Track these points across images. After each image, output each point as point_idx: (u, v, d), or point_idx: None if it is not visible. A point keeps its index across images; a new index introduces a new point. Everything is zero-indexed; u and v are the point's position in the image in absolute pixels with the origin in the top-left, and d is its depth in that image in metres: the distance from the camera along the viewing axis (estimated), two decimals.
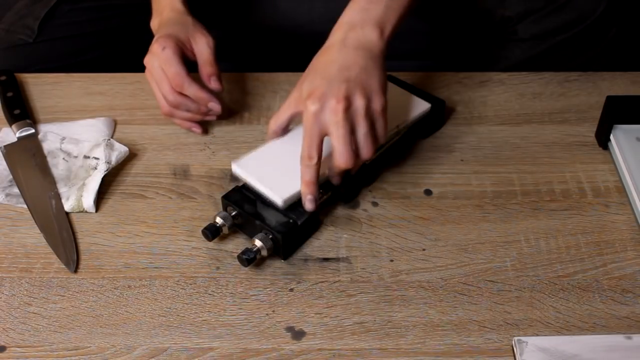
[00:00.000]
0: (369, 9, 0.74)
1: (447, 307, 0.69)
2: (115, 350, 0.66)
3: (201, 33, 0.84)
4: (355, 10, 0.75)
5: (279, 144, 0.77)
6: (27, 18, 1.00)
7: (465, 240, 0.75)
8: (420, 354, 0.65)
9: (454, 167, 0.83)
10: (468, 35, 1.05)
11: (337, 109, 0.69)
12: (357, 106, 0.70)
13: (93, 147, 0.83)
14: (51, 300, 0.70)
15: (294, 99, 0.73)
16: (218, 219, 0.73)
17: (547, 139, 0.86)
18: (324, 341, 0.66)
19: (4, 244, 0.75)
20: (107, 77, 0.95)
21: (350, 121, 0.70)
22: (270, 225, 0.71)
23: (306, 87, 0.71)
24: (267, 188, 0.73)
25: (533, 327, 0.67)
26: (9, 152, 0.83)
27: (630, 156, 0.80)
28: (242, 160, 0.76)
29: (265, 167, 0.75)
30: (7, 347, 0.66)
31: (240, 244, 0.74)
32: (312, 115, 0.69)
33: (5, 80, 0.91)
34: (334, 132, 0.69)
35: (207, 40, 0.84)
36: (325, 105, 0.69)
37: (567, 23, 0.98)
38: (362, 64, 0.72)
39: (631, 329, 0.67)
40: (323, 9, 1.02)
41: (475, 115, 0.89)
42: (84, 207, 0.78)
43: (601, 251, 0.74)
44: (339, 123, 0.69)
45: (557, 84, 0.93)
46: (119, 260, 0.73)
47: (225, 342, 0.67)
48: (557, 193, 0.80)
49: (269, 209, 0.73)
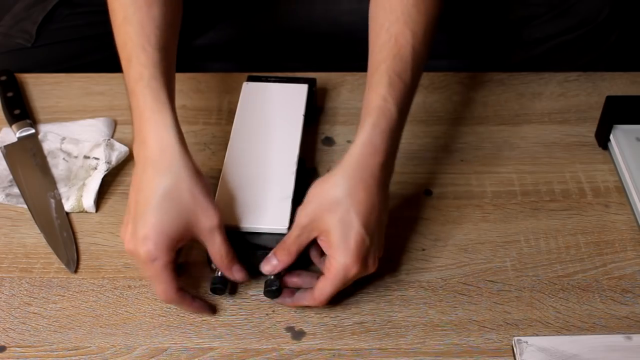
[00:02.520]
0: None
1: (447, 307, 0.69)
2: (115, 350, 0.66)
3: (205, 215, 0.65)
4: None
5: (233, 175, 0.74)
6: (25, 22, 0.99)
7: (465, 240, 0.75)
8: (420, 354, 0.65)
9: (454, 167, 0.83)
10: (471, 39, 1.05)
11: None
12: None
13: (93, 147, 0.83)
14: (51, 300, 0.70)
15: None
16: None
17: (547, 139, 0.86)
18: (324, 341, 0.66)
19: (4, 244, 0.75)
20: (107, 77, 0.94)
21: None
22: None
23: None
24: (263, 224, 0.70)
25: (533, 327, 0.67)
26: (9, 152, 0.83)
27: (630, 156, 0.80)
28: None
29: (241, 207, 0.71)
30: (7, 347, 0.66)
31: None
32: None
33: (5, 80, 0.91)
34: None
35: (214, 224, 0.65)
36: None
37: (569, 27, 0.98)
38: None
39: (631, 329, 0.67)
40: (323, 11, 1.02)
41: (475, 115, 0.89)
42: (84, 207, 0.78)
43: (601, 251, 0.74)
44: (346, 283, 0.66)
45: (557, 84, 0.93)
46: (119, 260, 0.73)
47: (225, 342, 0.67)
48: (557, 193, 0.80)
49: (261, 236, 0.70)
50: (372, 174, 0.65)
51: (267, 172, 0.74)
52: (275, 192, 0.72)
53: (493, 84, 0.94)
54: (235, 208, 0.71)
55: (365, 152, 0.66)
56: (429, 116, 0.89)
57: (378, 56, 0.69)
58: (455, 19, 1.03)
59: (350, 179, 0.65)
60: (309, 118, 0.83)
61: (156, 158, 0.65)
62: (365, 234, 0.64)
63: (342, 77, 0.93)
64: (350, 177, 0.65)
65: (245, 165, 0.75)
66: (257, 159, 0.76)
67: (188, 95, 0.91)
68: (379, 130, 0.66)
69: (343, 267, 0.64)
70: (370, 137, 0.66)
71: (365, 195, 0.65)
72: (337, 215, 0.64)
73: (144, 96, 0.67)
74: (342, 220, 0.64)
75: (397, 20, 0.69)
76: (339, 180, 0.65)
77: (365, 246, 0.64)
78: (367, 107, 0.67)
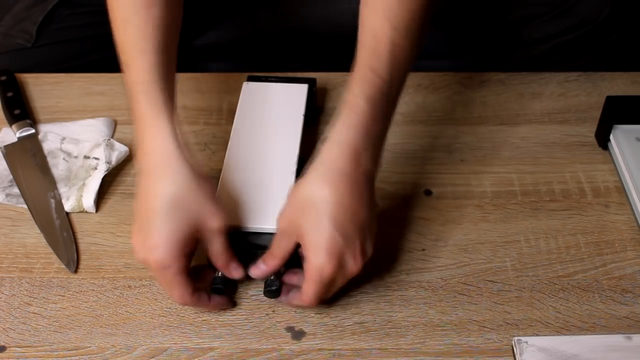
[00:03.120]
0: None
1: (447, 307, 0.69)
2: (115, 350, 0.66)
3: (210, 218, 0.65)
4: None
5: (233, 175, 0.74)
6: (25, 22, 0.99)
7: (465, 240, 0.75)
8: (420, 354, 0.65)
9: (454, 167, 0.83)
10: (471, 39, 1.05)
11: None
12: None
13: (93, 147, 0.83)
14: (51, 300, 0.70)
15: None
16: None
17: (547, 139, 0.86)
18: (324, 341, 0.66)
19: (4, 244, 0.75)
20: (107, 77, 0.95)
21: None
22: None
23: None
24: (263, 224, 0.70)
25: (533, 327, 0.67)
26: (9, 152, 0.83)
27: (630, 156, 0.80)
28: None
29: (241, 207, 0.71)
30: (7, 347, 0.66)
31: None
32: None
33: (5, 80, 0.91)
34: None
35: (218, 225, 0.66)
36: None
37: (570, 27, 0.98)
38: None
39: (631, 329, 0.67)
40: (323, 11, 1.02)
41: (475, 115, 0.89)
42: (84, 207, 0.78)
43: (601, 251, 0.74)
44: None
45: (556, 84, 0.93)
46: (119, 260, 0.73)
47: (225, 342, 0.67)
48: (557, 193, 0.80)
49: (261, 236, 0.70)
50: (341, 172, 0.64)
51: (267, 172, 0.74)
52: (276, 192, 0.72)
53: (493, 84, 0.94)
54: (235, 208, 0.71)
55: (332, 151, 0.65)
56: (429, 116, 0.89)
57: (359, 53, 0.68)
58: (455, 19, 1.03)
59: (318, 179, 0.65)
60: (309, 118, 0.83)
61: (156, 165, 0.66)
62: (335, 233, 0.63)
63: (342, 77, 0.93)
64: (319, 176, 0.65)
65: (245, 165, 0.75)
66: (257, 158, 0.76)
67: (188, 95, 0.91)
68: (346, 126, 0.65)
69: (316, 268, 0.63)
70: (338, 135, 0.65)
71: (333, 194, 0.63)
72: (309, 216, 0.64)
73: (141, 102, 0.67)
74: (313, 220, 0.64)
75: (377, 15, 0.67)
76: (308, 181, 0.65)
77: (338, 245, 0.63)
78: (340, 105, 0.67)
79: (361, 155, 0.65)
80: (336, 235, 0.63)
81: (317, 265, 0.63)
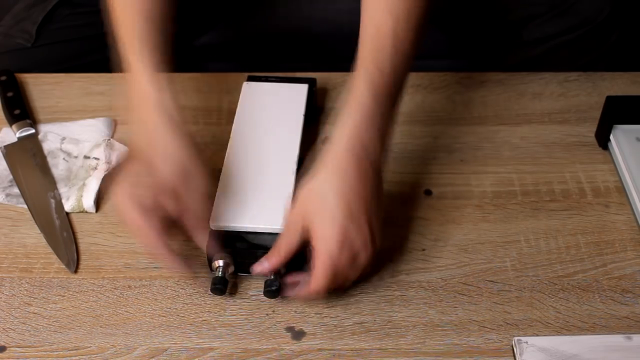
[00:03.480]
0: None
1: (447, 307, 0.69)
2: (115, 350, 0.66)
3: (199, 178, 0.69)
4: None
5: (233, 175, 0.74)
6: (25, 22, 0.99)
7: (465, 240, 0.75)
8: (420, 354, 0.65)
9: (454, 167, 0.83)
10: (471, 39, 1.05)
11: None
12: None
13: (93, 147, 0.83)
14: (51, 300, 0.70)
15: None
16: (219, 262, 0.69)
17: (547, 139, 0.86)
18: (324, 341, 0.66)
19: (4, 244, 0.75)
20: (107, 77, 0.94)
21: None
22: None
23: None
24: (263, 224, 0.70)
25: (533, 327, 0.67)
26: (9, 152, 0.83)
27: (630, 156, 0.80)
28: (215, 214, 0.70)
29: (241, 208, 0.71)
30: (7, 347, 0.66)
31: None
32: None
33: (5, 80, 0.91)
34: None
35: (203, 192, 0.69)
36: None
37: (569, 27, 0.98)
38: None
39: (631, 329, 0.67)
40: (323, 11, 1.02)
41: (475, 115, 0.89)
42: (84, 207, 0.78)
43: (601, 251, 0.74)
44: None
45: (557, 84, 0.93)
46: (119, 260, 0.73)
47: (225, 342, 0.67)
48: (557, 193, 0.80)
49: (261, 236, 0.70)
50: (350, 164, 0.66)
51: (267, 172, 0.74)
52: (275, 192, 0.72)
53: (493, 84, 0.94)
54: (235, 208, 0.71)
55: (340, 144, 0.66)
56: (429, 116, 0.89)
57: (360, 48, 0.69)
58: (455, 19, 1.03)
59: (327, 172, 0.66)
60: (309, 118, 0.83)
61: (154, 128, 0.69)
62: (347, 223, 0.64)
63: (342, 77, 0.92)
64: (328, 170, 0.66)
65: (245, 165, 0.75)
66: (257, 158, 0.76)
67: (188, 95, 0.91)
68: (351, 123, 0.67)
69: (327, 252, 0.64)
70: (345, 129, 0.67)
71: (343, 185, 0.65)
72: (319, 208, 0.65)
73: (126, 53, 0.72)
74: (323, 212, 0.65)
75: (379, 9, 0.69)
76: (317, 176, 0.66)
77: (350, 235, 0.64)
78: (344, 102, 0.68)
79: (368, 147, 0.67)
80: (348, 225, 0.64)
81: (328, 250, 0.64)
